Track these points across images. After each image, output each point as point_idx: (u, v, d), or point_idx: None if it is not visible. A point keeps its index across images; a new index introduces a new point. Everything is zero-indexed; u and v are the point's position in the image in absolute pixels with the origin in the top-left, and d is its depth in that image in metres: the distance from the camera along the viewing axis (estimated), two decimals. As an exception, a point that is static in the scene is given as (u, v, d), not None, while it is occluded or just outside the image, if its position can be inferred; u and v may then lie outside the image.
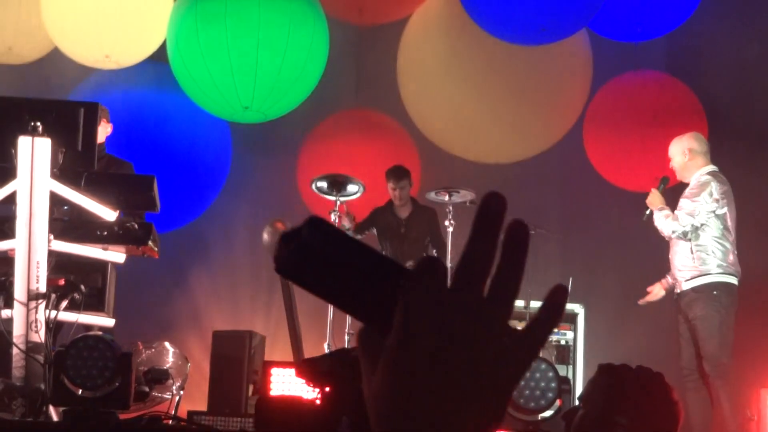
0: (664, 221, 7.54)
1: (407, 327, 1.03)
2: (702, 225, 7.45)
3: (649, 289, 7.97)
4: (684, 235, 7.49)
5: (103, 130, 7.62)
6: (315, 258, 1.05)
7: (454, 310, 1.03)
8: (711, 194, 7.46)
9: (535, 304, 8.74)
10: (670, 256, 7.73)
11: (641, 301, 8.04)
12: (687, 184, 7.72)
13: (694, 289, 7.49)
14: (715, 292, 7.42)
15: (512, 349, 1.05)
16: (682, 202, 7.53)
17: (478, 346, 1.03)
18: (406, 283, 1.03)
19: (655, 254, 8.88)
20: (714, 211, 7.46)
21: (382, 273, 1.06)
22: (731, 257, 7.50)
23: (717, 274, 7.45)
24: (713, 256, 7.46)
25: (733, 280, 7.48)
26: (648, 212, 7.78)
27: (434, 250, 9.24)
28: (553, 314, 1.09)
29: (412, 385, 1.03)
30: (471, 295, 1.04)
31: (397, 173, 9.27)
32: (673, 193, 7.94)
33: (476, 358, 1.03)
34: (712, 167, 7.66)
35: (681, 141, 7.79)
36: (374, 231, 9.46)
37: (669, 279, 7.84)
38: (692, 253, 7.50)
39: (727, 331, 7.39)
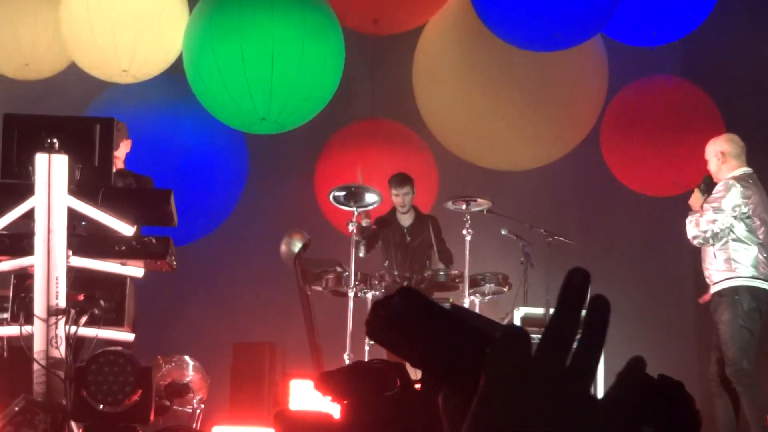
0: (689, 226, 7.50)
1: (492, 392, 1.07)
2: (724, 230, 7.39)
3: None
4: (705, 242, 7.44)
5: (124, 147, 7.65)
6: (405, 326, 1.13)
7: (538, 378, 1.08)
8: (734, 199, 7.41)
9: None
10: (702, 259, 7.70)
11: (701, 300, 7.97)
12: None
13: (719, 293, 7.45)
14: (737, 296, 7.36)
15: (593, 413, 1.11)
16: (705, 207, 7.48)
17: (558, 412, 1.07)
18: (492, 350, 1.08)
19: (674, 260, 8.87)
20: (736, 216, 7.40)
21: (469, 341, 1.12)
22: (760, 260, 7.42)
23: (742, 278, 7.39)
24: (739, 260, 7.40)
25: (761, 284, 7.40)
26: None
27: (438, 258, 9.16)
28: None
29: None
30: (554, 365, 1.09)
31: (401, 179, 9.26)
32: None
33: (558, 424, 1.07)
34: (743, 170, 7.59)
35: (714, 144, 7.72)
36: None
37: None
38: (715, 257, 7.45)
39: (749, 336, 7.32)
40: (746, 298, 7.36)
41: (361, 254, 8.92)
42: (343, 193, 8.71)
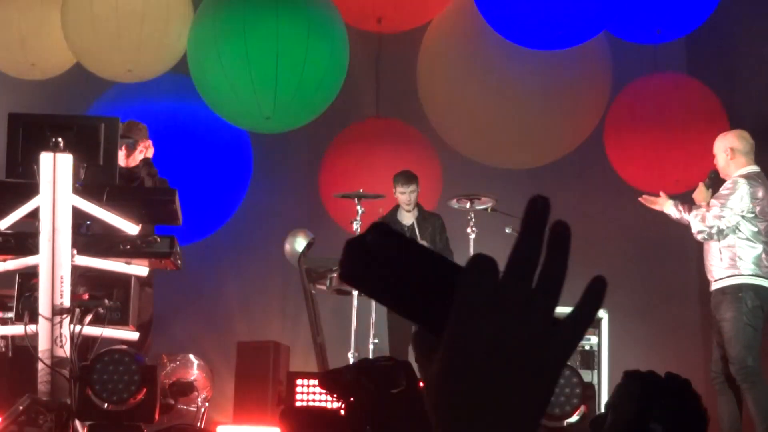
0: (693, 221, 7.47)
1: (462, 320, 1.11)
2: (730, 227, 7.38)
3: (660, 199, 7.87)
4: (710, 237, 7.42)
5: (143, 146, 7.65)
6: (378, 262, 1.13)
7: (506, 301, 1.12)
8: (741, 198, 7.39)
9: (560, 309, 8.68)
10: (704, 253, 7.66)
11: (643, 199, 7.95)
12: None
13: (722, 290, 7.43)
14: (740, 294, 7.35)
15: (559, 332, 1.15)
16: (713, 203, 7.46)
17: (528, 333, 1.12)
18: (461, 280, 1.11)
19: (678, 258, 8.85)
20: (743, 214, 7.38)
21: (439, 273, 1.14)
22: (763, 259, 7.41)
23: (746, 275, 7.38)
24: (743, 258, 7.39)
25: (764, 282, 7.39)
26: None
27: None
28: (594, 300, 1.20)
29: (467, 373, 1.11)
30: (520, 287, 1.13)
31: (407, 176, 9.21)
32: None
33: (527, 344, 1.12)
34: (752, 168, 7.57)
35: (724, 139, 7.70)
36: None
37: (681, 207, 7.74)
38: (720, 253, 7.43)
39: (754, 334, 7.31)
40: (750, 296, 7.35)
41: None
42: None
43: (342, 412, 3.33)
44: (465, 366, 1.10)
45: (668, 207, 7.82)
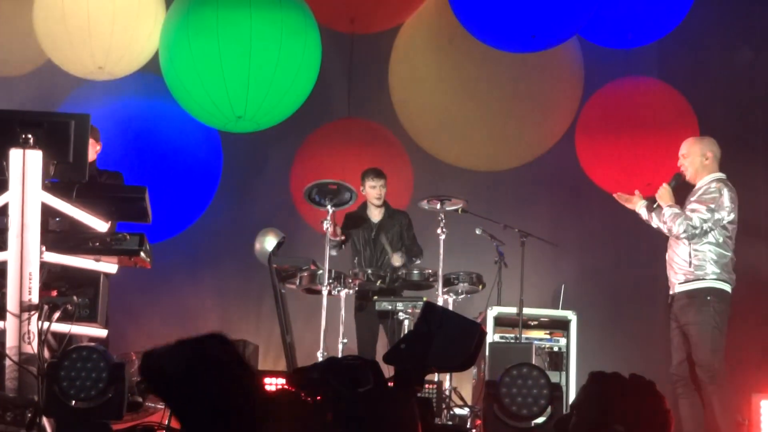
0: (675, 219, 7.46)
1: None
2: (709, 229, 7.42)
3: (633, 194, 7.91)
4: (692, 237, 7.43)
5: (92, 149, 7.59)
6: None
7: None
8: (725, 203, 7.44)
9: (528, 311, 8.74)
10: (667, 256, 7.68)
11: (617, 196, 8.00)
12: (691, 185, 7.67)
13: (687, 294, 7.46)
14: (708, 298, 7.39)
15: None
16: (696, 206, 7.46)
17: None
18: None
19: (646, 261, 8.90)
20: (721, 220, 7.44)
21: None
22: (728, 265, 7.47)
23: (712, 279, 7.42)
24: (710, 262, 7.43)
25: (727, 288, 7.46)
26: (655, 205, 7.72)
27: (400, 254, 9.14)
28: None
29: None
30: None
31: (377, 171, 9.32)
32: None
33: None
34: (721, 174, 7.64)
35: (702, 143, 7.72)
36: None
37: (653, 209, 7.80)
38: (690, 257, 7.46)
39: (720, 337, 7.36)
40: (716, 300, 7.39)
41: (333, 254, 8.90)
42: (317, 191, 8.70)
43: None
44: None
45: (640, 207, 7.86)
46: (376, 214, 9.40)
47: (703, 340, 7.32)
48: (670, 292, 7.64)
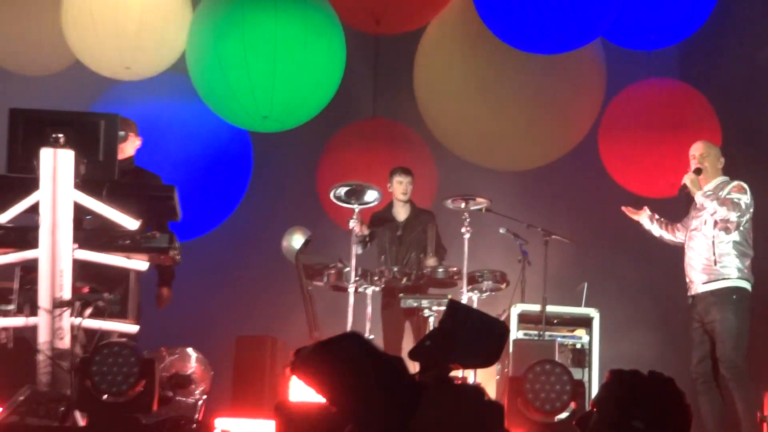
0: (720, 206, 7.40)
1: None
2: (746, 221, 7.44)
3: (641, 213, 7.93)
4: (739, 225, 7.41)
5: (132, 144, 7.62)
6: (347, 371, 1.18)
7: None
8: (749, 203, 7.43)
9: (551, 308, 8.72)
10: (688, 257, 7.63)
11: (625, 209, 8.03)
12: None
13: (712, 293, 7.44)
14: (734, 297, 7.39)
15: None
16: (737, 195, 7.42)
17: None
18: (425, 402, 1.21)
19: (667, 260, 8.86)
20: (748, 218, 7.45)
21: (400, 395, 1.20)
22: (749, 264, 7.46)
23: (736, 278, 7.41)
24: (735, 262, 7.41)
25: (749, 287, 7.46)
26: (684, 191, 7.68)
27: (432, 257, 9.15)
28: None
29: None
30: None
31: (404, 168, 9.35)
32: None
33: None
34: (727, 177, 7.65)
35: (716, 147, 7.74)
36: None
37: (655, 220, 7.82)
38: (714, 255, 7.44)
39: (744, 335, 7.37)
40: (741, 299, 7.39)
41: (359, 252, 8.92)
42: (344, 191, 8.71)
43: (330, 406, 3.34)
44: None
45: (643, 218, 7.97)
46: (402, 213, 9.39)
47: (729, 338, 7.32)
48: (691, 293, 7.61)
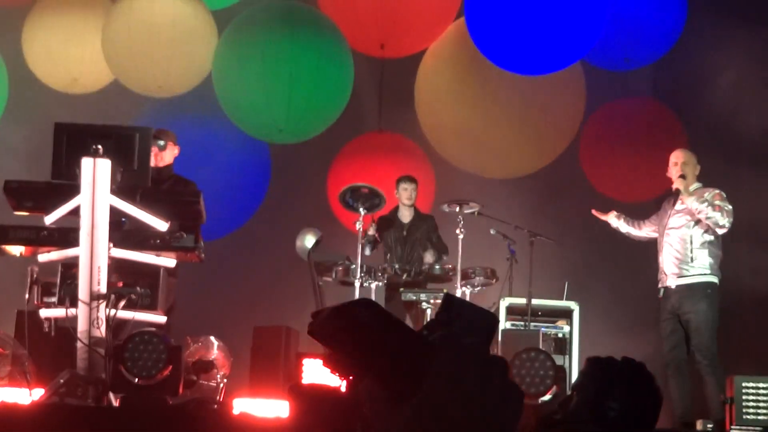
0: (714, 212, 7.36)
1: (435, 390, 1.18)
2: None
3: (609, 214, 7.93)
4: (725, 229, 7.41)
5: (171, 152, 7.64)
6: (364, 334, 1.17)
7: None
8: (730, 208, 7.43)
9: (536, 302, 8.71)
10: (665, 252, 7.58)
11: (594, 211, 8.03)
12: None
13: (688, 287, 7.41)
14: (708, 291, 7.39)
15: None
16: (721, 203, 7.39)
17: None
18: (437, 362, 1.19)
19: (640, 257, 8.83)
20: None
21: (416, 351, 1.19)
22: (719, 262, 7.46)
23: (709, 274, 7.40)
24: (707, 259, 7.40)
25: (718, 281, 7.45)
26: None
27: (431, 252, 9.15)
28: None
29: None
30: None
31: (409, 176, 9.41)
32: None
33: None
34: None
35: (692, 155, 7.70)
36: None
37: (622, 219, 7.83)
38: (690, 253, 7.42)
39: (716, 325, 7.37)
40: (714, 292, 7.37)
41: (367, 253, 8.93)
42: (350, 196, 8.70)
43: (342, 389, 3.33)
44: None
45: (610, 218, 8.02)
46: (406, 216, 9.40)
47: (705, 329, 7.32)
48: (664, 285, 7.56)
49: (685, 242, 7.47)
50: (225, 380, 7.54)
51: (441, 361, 1.35)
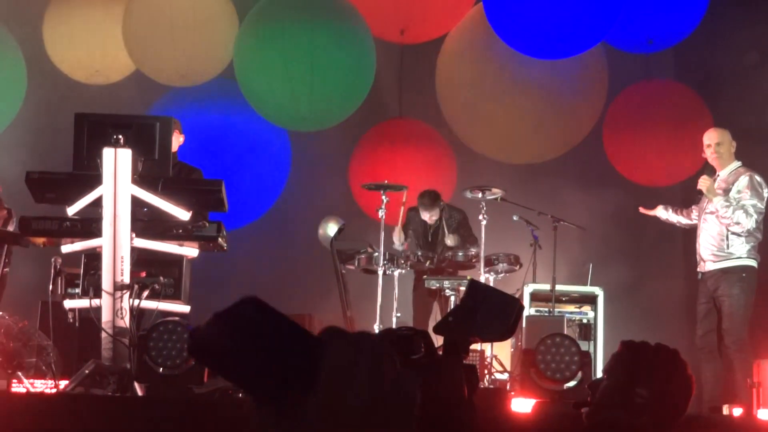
0: (737, 213, 7.26)
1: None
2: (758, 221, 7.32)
3: (656, 209, 7.82)
4: (749, 231, 7.28)
5: (176, 140, 7.59)
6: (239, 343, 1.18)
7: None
8: (764, 197, 7.31)
9: (560, 287, 8.67)
10: (701, 237, 7.49)
11: (642, 209, 7.93)
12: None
13: (723, 270, 7.30)
14: (744, 274, 7.27)
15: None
16: (751, 198, 7.28)
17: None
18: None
19: (666, 241, 8.79)
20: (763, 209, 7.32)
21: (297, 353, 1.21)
22: (756, 245, 7.34)
23: (745, 258, 7.29)
24: (743, 243, 7.29)
25: (756, 264, 7.33)
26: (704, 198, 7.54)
27: (454, 237, 9.08)
28: None
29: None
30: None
31: (429, 201, 9.09)
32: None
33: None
34: (740, 162, 7.51)
35: (728, 132, 7.58)
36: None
37: (669, 210, 7.68)
38: (727, 239, 7.31)
39: (749, 310, 7.26)
40: (749, 277, 7.27)
41: (398, 248, 8.93)
42: (373, 185, 8.68)
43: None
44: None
45: (658, 212, 7.81)
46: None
47: (737, 312, 7.21)
48: (701, 270, 7.46)
49: (722, 227, 7.36)
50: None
51: (331, 356, 1.33)
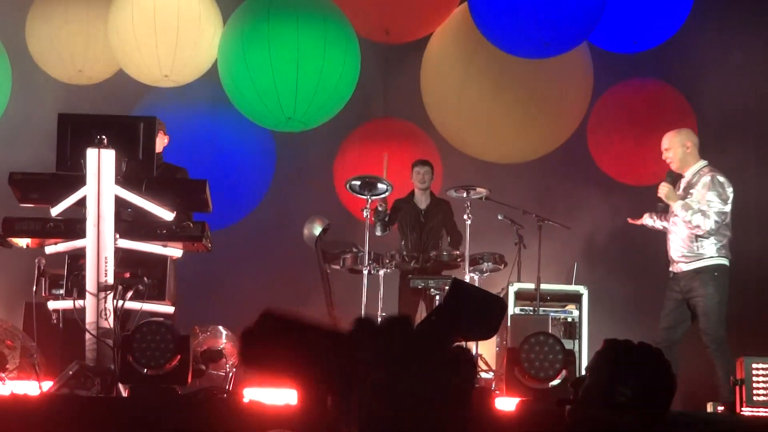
0: (694, 216, 7.27)
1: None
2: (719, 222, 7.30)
3: (643, 218, 7.80)
4: (711, 233, 7.28)
5: (161, 141, 7.57)
6: (278, 346, 1.20)
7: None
8: (729, 193, 7.31)
9: (544, 286, 8.69)
10: (671, 237, 7.51)
11: (630, 220, 7.92)
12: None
13: (695, 271, 7.32)
14: (716, 273, 7.28)
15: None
16: (713, 200, 7.28)
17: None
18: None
19: (648, 241, 8.80)
20: (723, 205, 7.31)
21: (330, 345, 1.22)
22: (726, 242, 7.35)
23: (716, 257, 7.31)
24: (712, 242, 7.30)
25: (727, 263, 7.35)
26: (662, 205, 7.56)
27: (449, 239, 9.16)
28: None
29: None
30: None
31: (423, 160, 9.40)
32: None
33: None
34: (705, 161, 7.51)
35: (680, 134, 7.58)
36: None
37: (655, 218, 7.69)
38: (697, 240, 7.33)
39: (724, 308, 7.27)
40: (722, 275, 7.29)
41: (378, 233, 8.90)
42: (358, 183, 8.69)
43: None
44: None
45: (645, 220, 7.76)
46: (422, 201, 9.34)
47: (712, 312, 7.21)
48: (673, 269, 7.48)
49: (686, 226, 7.38)
50: (234, 369, 7.52)
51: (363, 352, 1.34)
